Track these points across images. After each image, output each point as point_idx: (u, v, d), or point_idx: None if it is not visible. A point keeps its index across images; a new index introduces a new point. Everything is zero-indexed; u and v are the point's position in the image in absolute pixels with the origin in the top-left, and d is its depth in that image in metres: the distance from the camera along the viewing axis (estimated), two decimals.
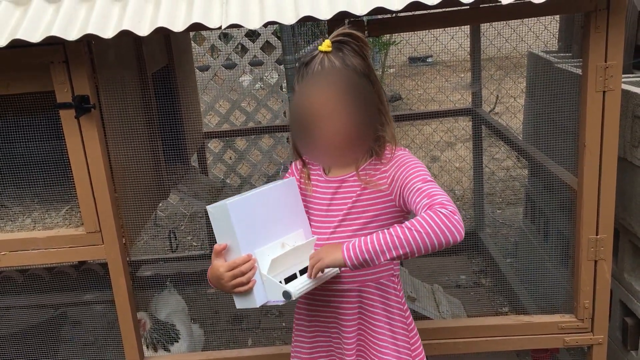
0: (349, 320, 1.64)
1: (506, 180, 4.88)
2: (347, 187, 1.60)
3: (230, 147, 4.83)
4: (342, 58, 1.48)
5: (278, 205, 1.59)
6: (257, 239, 1.51)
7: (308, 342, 1.72)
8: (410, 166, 1.51)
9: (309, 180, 1.67)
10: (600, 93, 1.89)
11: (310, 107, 1.50)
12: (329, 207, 1.62)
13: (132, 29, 1.74)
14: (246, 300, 1.50)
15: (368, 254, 1.40)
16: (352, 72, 1.48)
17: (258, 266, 1.49)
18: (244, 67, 4.74)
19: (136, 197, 2.25)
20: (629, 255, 2.34)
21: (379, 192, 1.56)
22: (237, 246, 1.48)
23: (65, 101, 1.89)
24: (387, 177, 1.54)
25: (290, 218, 1.62)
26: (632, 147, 2.21)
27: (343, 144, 1.52)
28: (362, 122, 1.51)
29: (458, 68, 5.34)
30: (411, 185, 1.47)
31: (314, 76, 1.48)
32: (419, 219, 1.37)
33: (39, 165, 2.24)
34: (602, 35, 1.84)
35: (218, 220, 1.49)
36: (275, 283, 1.48)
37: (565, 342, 2.17)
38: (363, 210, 1.58)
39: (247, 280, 1.47)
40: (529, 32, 4.29)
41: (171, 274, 3.45)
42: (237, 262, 1.47)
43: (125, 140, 2.17)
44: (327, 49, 1.48)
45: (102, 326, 3.30)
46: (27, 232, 2.12)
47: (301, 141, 1.60)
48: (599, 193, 1.99)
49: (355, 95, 1.48)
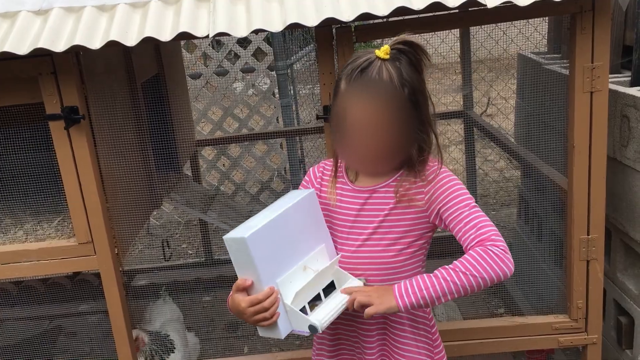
0: (372, 337, 1.58)
1: (500, 182, 4.89)
2: (378, 198, 1.52)
3: (223, 154, 4.83)
4: (399, 69, 1.40)
5: (298, 223, 1.49)
6: (279, 267, 1.43)
7: (330, 351, 1.67)
8: (454, 188, 1.46)
9: (334, 189, 1.59)
10: (587, 94, 1.91)
11: (359, 114, 1.42)
12: (357, 219, 1.54)
13: (119, 39, 1.74)
14: (270, 331, 1.44)
15: (424, 300, 1.38)
16: (406, 88, 1.40)
17: (281, 297, 1.41)
18: (236, 74, 4.75)
19: (128, 206, 2.24)
20: (621, 255, 2.34)
21: (413, 207, 1.49)
22: (259, 279, 1.39)
23: (54, 112, 1.90)
24: (424, 194, 1.48)
25: (311, 235, 1.52)
26: (622, 147, 2.22)
27: (381, 156, 1.47)
28: (403, 141, 1.45)
29: (449, 71, 5.35)
30: (455, 211, 1.43)
31: (370, 85, 1.40)
32: (471, 260, 1.36)
33: (29, 176, 2.24)
34: (588, 37, 1.86)
35: (236, 252, 1.40)
36: (300, 315, 1.41)
37: (559, 342, 2.17)
38: (395, 225, 1.51)
39: (271, 315, 1.39)
40: (518, 34, 4.31)
41: (166, 282, 3.44)
42: (259, 297, 1.39)
43: (115, 150, 2.17)
44: (385, 56, 1.40)
45: (97, 337, 3.29)
46: (19, 244, 2.11)
47: (340, 142, 1.50)
48: (589, 193, 2.00)
49: (405, 112, 1.41)
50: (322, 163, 1.67)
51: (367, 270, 1.54)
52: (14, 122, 2.15)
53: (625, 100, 2.17)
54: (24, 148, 2.26)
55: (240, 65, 4.68)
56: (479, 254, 1.36)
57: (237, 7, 1.82)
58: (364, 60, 1.41)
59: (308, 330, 1.41)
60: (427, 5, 1.70)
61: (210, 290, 3.60)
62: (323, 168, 1.65)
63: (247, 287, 1.42)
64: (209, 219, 2.66)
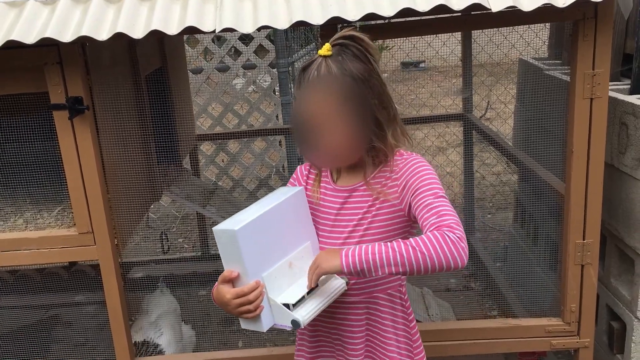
0: (356, 332, 1.59)
1: (497, 185, 4.91)
2: (358, 197, 1.55)
3: (222, 149, 4.84)
4: (341, 63, 1.43)
5: (286, 220, 1.52)
6: (265, 261, 1.45)
7: (309, 354, 1.68)
8: (423, 177, 1.46)
9: (318, 186, 1.62)
10: (587, 100, 1.93)
11: (305, 114, 1.47)
12: (337, 217, 1.57)
13: (126, 31, 1.75)
14: (253, 323, 1.46)
15: (367, 264, 1.35)
16: (349, 79, 1.43)
17: (266, 291, 1.43)
18: (237, 70, 4.76)
19: (128, 198, 2.26)
20: (616, 260, 2.37)
21: (388, 202, 1.51)
22: (245, 272, 1.41)
23: (59, 102, 1.91)
24: (397, 186, 1.50)
25: (298, 231, 1.55)
26: (619, 154, 2.24)
27: (340, 150, 1.49)
28: (359, 129, 1.46)
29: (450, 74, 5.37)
30: (421, 198, 1.42)
31: (310, 83, 1.45)
32: (425, 238, 1.34)
33: (31, 165, 2.25)
34: (590, 44, 1.88)
35: (225, 244, 1.42)
36: (283, 309, 1.43)
37: (552, 345, 2.20)
38: (374, 221, 1.53)
39: (255, 308, 1.41)
40: (519, 39, 4.34)
41: (162, 275, 3.45)
42: (244, 290, 1.41)
43: (118, 141, 2.19)
44: (326, 52, 1.44)
45: (93, 327, 3.30)
46: (19, 232, 2.13)
47: (301, 146, 1.55)
48: (586, 198, 2.02)
49: (351, 103, 1.44)
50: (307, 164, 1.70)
51: None
52: (16, 110, 2.17)
53: (624, 107, 2.19)
54: (26, 137, 2.27)
55: (241, 62, 4.69)
56: (434, 236, 1.33)
57: (243, 4, 1.83)
58: (307, 62, 1.49)
59: (291, 325, 1.43)
60: (432, 7, 1.72)
61: (207, 285, 3.61)
62: (310, 166, 1.68)
63: (233, 278, 1.44)
64: (208, 213, 2.67)
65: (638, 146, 2.12)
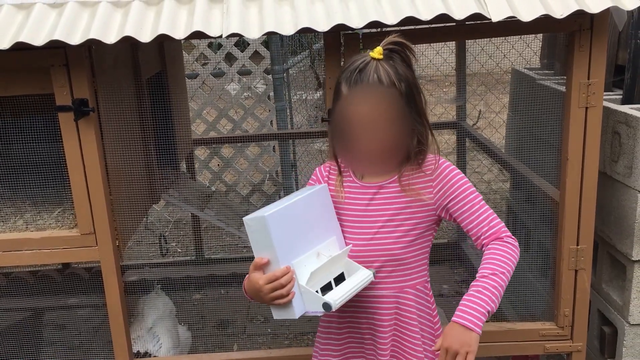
0: (385, 327, 1.64)
1: (487, 193, 4.97)
2: (386, 193, 1.59)
3: (216, 154, 4.86)
4: (394, 67, 1.48)
5: (312, 213, 1.58)
6: (294, 250, 1.51)
7: (338, 347, 1.71)
8: (461, 183, 1.56)
9: (342, 186, 1.66)
10: (582, 109, 1.98)
11: (361, 114, 1.49)
12: (365, 214, 1.61)
13: (134, 34, 1.78)
14: (285, 311, 1.49)
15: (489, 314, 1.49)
16: (403, 83, 1.48)
17: (296, 277, 1.48)
18: (232, 76, 4.79)
19: (129, 200, 2.28)
20: (607, 266, 2.42)
21: (420, 202, 1.57)
22: (276, 258, 1.47)
23: (64, 104, 1.93)
24: (432, 188, 1.57)
25: (324, 226, 1.61)
26: (612, 162, 2.30)
27: (386, 153, 1.53)
28: (405, 135, 1.52)
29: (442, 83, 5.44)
30: (466, 206, 1.55)
31: (368, 84, 1.47)
32: (501, 257, 1.51)
33: (32, 166, 2.26)
34: (585, 54, 1.93)
35: (255, 232, 1.48)
36: (313, 294, 1.48)
37: (545, 349, 2.24)
38: (404, 218, 1.58)
39: (287, 293, 1.45)
40: (511, 50, 4.41)
41: (157, 279, 3.46)
42: (276, 274, 1.45)
43: (120, 143, 2.21)
44: (379, 56, 1.48)
45: (86, 330, 3.30)
46: (21, 233, 2.14)
47: (340, 144, 1.58)
48: (580, 205, 2.07)
49: (404, 106, 1.49)
50: (327, 163, 1.73)
51: (377, 262, 1.60)
52: (18, 112, 2.18)
53: (617, 117, 2.25)
54: (28, 139, 2.28)
55: (237, 68, 4.72)
56: (504, 250, 1.53)
57: (249, 10, 1.87)
58: (360, 62, 1.49)
59: (322, 310, 1.47)
60: (434, 16, 1.76)
61: (201, 289, 3.62)
62: (329, 167, 1.71)
63: (263, 264, 1.48)
64: (206, 216, 2.70)
65: (630, 154, 2.18)
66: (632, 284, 2.25)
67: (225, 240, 4.37)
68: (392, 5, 1.82)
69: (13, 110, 2.17)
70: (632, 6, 1.78)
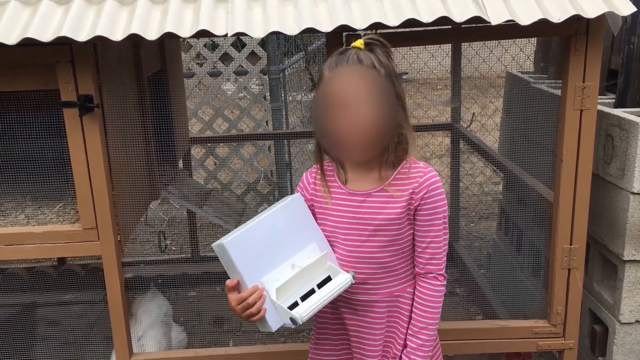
0: (377, 334, 1.68)
1: (479, 195, 5.03)
2: (373, 202, 1.62)
3: (212, 153, 4.89)
4: (375, 54, 1.54)
5: (284, 226, 1.61)
6: (262, 267, 1.54)
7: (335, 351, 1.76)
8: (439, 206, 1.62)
9: (329, 192, 1.68)
10: (577, 111, 2.03)
11: (342, 92, 1.51)
12: (354, 222, 1.63)
13: (140, 32, 1.81)
14: (265, 326, 1.54)
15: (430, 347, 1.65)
16: (384, 69, 1.53)
17: (267, 293, 1.52)
18: (229, 76, 4.82)
19: (130, 196, 2.30)
20: (599, 266, 2.47)
21: (406, 210, 1.60)
22: (243, 280, 1.52)
23: (69, 100, 1.95)
24: (415, 201, 1.60)
25: (300, 235, 1.63)
26: (605, 164, 2.35)
27: (365, 138, 1.53)
28: (385, 118, 1.52)
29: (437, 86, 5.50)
30: (429, 228, 1.62)
31: (350, 65, 1.52)
32: (431, 300, 1.65)
33: (33, 162, 2.28)
34: (581, 58, 1.98)
35: (222, 257, 1.53)
36: (283, 309, 1.52)
37: (538, 346, 2.28)
38: (392, 226, 1.61)
39: (257, 311, 1.50)
40: (505, 54, 4.47)
41: (152, 276, 3.48)
42: (243, 295, 1.50)
43: (122, 139, 2.23)
44: (360, 46, 1.54)
45: (81, 327, 3.31)
46: (23, 227, 2.16)
47: (323, 131, 1.57)
48: (573, 205, 2.12)
49: (384, 91, 1.52)
50: (313, 168, 1.74)
51: (367, 269, 1.64)
52: (21, 107, 2.20)
53: (610, 120, 2.30)
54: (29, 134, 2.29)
55: (233, 67, 4.75)
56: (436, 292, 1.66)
57: (253, 10, 1.90)
58: (343, 50, 1.55)
59: (292, 323, 1.52)
60: (435, 18, 1.81)
61: (196, 286, 3.65)
62: (315, 172, 1.72)
63: (233, 286, 1.53)
64: (205, 213, 2.72)
65: (623, 157, 2.23)
66: (623, 284, 2.30)
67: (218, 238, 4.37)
68: (393, 7, 1.86)
69: (17, 106, 2.19)
70: (627, 12, 1.83)
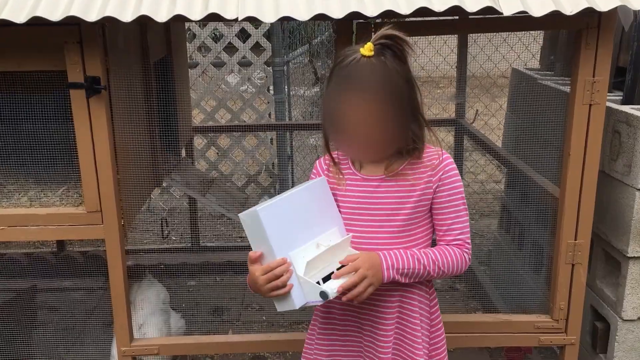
0: (388, 324, 1.65)
1: (480, 193, 5.02)
2: (388, 186, 1.61)
3: (213, 144, 4.87)
4: (384, 64, 1.47)
5: (310, 206, 1.60)
6: (291, 241, 1.52)
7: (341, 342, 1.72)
8: (456, 187, 1.61)
9: (342, 178, 1.67)
10: (586, 106, 2.02)
11: (348, 112, 1.50)
12: (369, 206, 1.62)
13: (150, 14, 1.79)
14: (285, 303, 1.51)
15: (403, 277, 1.57)
16: (393, 79, 1.48)
17: (294, 268, 1.49)
18: (232, 67, 4.80)
19: (135, 181, 2.29)
20: (602, 263, 2.47)
21: (421, 194, 1.60)
22: (271, 251, 1.49)
23: (76, 81, 1.94)
24: (432, 183, 1.60)
25: (324, 217, 1.62)
26: (611, 161, 2.34)
27: (376, 147, 1.56)
28: (398, 127, 1.53)
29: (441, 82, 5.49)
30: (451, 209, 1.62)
31: (356, 83, 1.48)
32: (450, 258, 1.60)
33: (38, 144, 2.27)
34: (591, 52, 1.97)
35: (250, 227, 1.51)
36: (311, 284, 1.48)
37: (540, 341, 2.28)
38: (406, 209, 1.60)
39: (282, 284, 1.47)
40: (510, 51, 4.46)
41: (152, 264, 3.47)
42: (271, 265, 1.47)
43: (128, 123, 2.22)
44: (369, 53, 1.47)
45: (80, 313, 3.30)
46: (27, 209, 2.15)
47: (335, 139, 1.61)
48: (579, 200, 2.11)
49: (393, 103, 1.49)
50: (327, 155, 1.74)
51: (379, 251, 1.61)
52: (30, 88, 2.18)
53: (618, 116, 2.30)
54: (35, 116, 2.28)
55: (237, 58, 4.73)
56: (458, 257, 1.62)
57: None
58: (350, 60, 1.48)
59: (320, 298, 1.48)
60: (447, 7, 1.79)
61: (196, 276, 3.64)
62: (329, 159, 1.72)
63: (256, 257, 1.51)
64: (208, 201, 2.71)
65: (630, 153, 2.23)
66: (627, 280, 2.30)
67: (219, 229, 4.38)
68: None
69: (24, 87, 2.17)
70: (639, 6, 1.82)
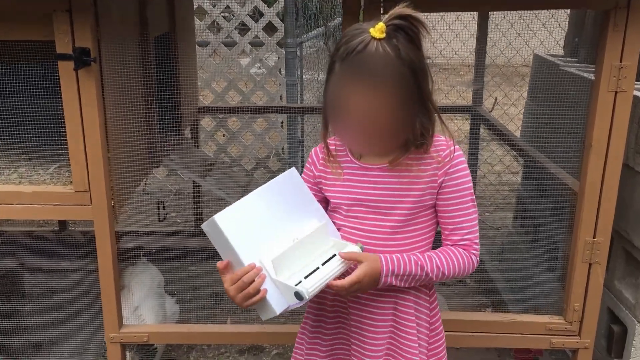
0: (380, 327, 1.53)
1: (496, 185, 4.87)
2: (391, 176, 1.48)
3: (222, 126, 4.76)
4: (397, 48, 1.31)
5: (280, 202, 1.46)
6: (259, 244, 1.40)
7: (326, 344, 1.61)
8: (465, 182, 1.49)
9: (339, 167, 1.54)
10: (612, 93, 1.87)
11: (354, 99, 1.35)
12: (367, 197, 1.50)
13: None
14: (267, 310, 1.39)
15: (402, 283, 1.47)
16: (405, 67, 1.32)
17: (267, 272, 1.37)
18: (244, 47, 4.67)
19: (128, 161, 2.18)
20: (622, 262, 2.32)
21: (425, 185, 1.48)
22: (237, 257, 1.36)
23: (65, 52, 1.83)
24: (438, 177, 1.47)
25: (298, 211, 1.49)
26: (636, 154, 2.19)
27: (381, 138, 1.42)
28: (406, 117, 1.38)
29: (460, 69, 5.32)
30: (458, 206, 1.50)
31: (365, 68, 1.32)
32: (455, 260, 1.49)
33: (29, 119, 2.17)
34: (620, 35, 1.82)
35: (213, 236, 1.39)
36: (285, 285, 1.36)
37: (551, 343, 2.15)
38: (408, 202, 1.48)
39: (255, 290, 1.34)
40: (533, 37, 4.29)
41: (154, 247, 3.38)
42: (238, 274, 1.35)
43: (121, 100, 2.11)
44: (380, 35, 1.30)
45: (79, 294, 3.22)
46: (12, 186, 2.05)
47: (336, 126, 1.45)
48: (600, 194, 1.97)
49: (405, 92, 1.34)
50: (322, 143, 1.59)
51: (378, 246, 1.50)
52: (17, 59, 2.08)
53: None
54: (26, 90, 2.18)
55: (249, 38, 4.60)
56: (466, 259, 1.50)
57: None
58: (358, 42, 1.31)
59: (297, 300, 1.36)
60: None
61: (197, 260, 3.54)
62: (325, 148, 1.58)
63: (224, 267, 1.39)
64: (207, 184, 2.60)
65: None
66: None
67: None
68: None
69: (11, 57, 2.07)
70: None
